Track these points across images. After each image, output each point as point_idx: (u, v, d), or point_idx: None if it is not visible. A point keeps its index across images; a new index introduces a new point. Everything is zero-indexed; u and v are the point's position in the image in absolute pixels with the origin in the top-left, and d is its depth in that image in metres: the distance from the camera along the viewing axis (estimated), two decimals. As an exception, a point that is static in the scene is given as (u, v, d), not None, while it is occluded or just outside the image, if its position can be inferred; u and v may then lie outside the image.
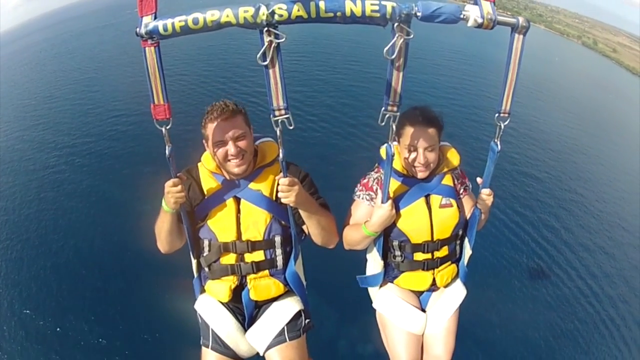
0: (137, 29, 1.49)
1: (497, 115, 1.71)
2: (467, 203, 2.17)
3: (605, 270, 9.22)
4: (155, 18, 1.49)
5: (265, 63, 1.51)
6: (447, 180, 2.11)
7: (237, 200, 1.95)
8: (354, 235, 2.04)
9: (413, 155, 1.99)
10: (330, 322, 5.20)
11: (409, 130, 1.96)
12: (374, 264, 2.18)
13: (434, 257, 2.12)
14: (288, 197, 1.78)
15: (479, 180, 1.98)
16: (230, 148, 1.85)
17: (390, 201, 1.92)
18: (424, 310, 2.25)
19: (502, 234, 9.07)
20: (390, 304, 2.20)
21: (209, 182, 1.99)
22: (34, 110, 15.22)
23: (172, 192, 1.78)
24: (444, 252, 2.13)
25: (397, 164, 2.05)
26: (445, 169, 2.10)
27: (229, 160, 1.88)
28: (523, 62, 1.61)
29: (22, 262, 7.48)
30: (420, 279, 2.16)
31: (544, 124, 17.42)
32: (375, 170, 2.15)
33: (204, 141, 1.98)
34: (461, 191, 2.17)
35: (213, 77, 16.57)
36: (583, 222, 10.85)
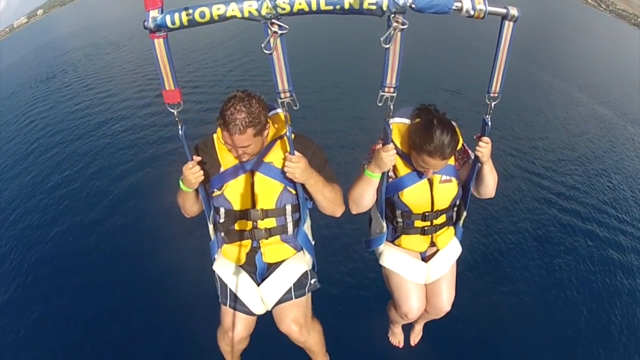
0: (145, 23, 1.56)
1: (487, 94, 1.82)
2: (464, 172, 2.27)
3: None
4: (162, 12, 1.55)
5: (270, 52, 1.61)
6: (450, 160, 2.16)
7: (252, 172, 2.06)
8: (357, 187, 2.11)
9: (422, 169, 2.07)
10: (336, 283, 5.33)
11: (424, 158, 1.98)
12: (377, 224, 2.37)
13: (433, 224, 2.32)
14: (292, 174, 1.92)
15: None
16: (236, 152, 1.97)
17: (392, 144, 1.95)
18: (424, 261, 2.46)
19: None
20: (395, 259, 2.41)
21: (224, 155, 2.07)
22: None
23: (190, 174, 1.94)
24: (441, 219, 2.32)
25: (402, 143, 2.10)
26: None
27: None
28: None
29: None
30: (419, 242, 2.38)
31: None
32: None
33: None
34: (462, 163, 2.25)
35: (221, 61, 16.19)
36: (581, 165, 9.87)
